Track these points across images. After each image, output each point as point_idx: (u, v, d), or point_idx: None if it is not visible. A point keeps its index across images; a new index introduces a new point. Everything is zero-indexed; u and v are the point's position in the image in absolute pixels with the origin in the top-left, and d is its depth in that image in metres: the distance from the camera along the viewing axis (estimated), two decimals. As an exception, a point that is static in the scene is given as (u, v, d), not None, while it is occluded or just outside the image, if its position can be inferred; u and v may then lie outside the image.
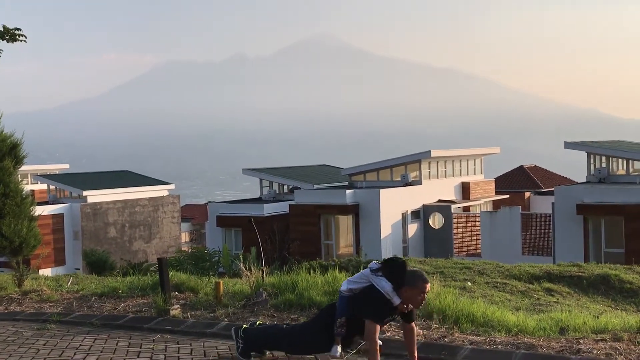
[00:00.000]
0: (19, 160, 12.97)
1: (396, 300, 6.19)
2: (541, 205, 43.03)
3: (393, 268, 6.36)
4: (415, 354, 6.48)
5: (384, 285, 6.25)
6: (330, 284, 9.42)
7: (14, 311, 10.82)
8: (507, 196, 45.58)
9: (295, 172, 48.04)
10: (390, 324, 7.69)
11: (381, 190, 36.51)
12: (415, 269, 6.80)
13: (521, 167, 56.26)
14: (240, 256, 15.50)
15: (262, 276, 10.25)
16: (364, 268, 6.93)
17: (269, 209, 39.38)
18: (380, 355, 6.75)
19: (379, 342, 6.60)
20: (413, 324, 6.50)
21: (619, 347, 6.63)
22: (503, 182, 51.44)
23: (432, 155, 40.31)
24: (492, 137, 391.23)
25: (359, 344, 6.93)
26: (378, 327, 6.21)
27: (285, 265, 12.54)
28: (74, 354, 7.76)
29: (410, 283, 6.23)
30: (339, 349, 6.45)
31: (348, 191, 36.90)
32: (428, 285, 6.25)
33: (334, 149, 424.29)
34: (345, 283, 6.65)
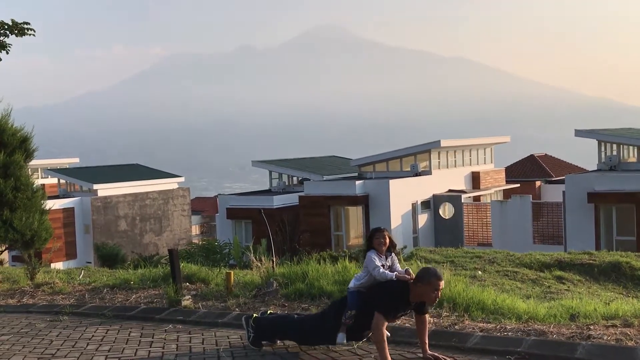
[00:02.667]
0: (29, 154, 13.04)
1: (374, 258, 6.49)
2: (552, 193, 42.89)
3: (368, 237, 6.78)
4: (426, 342, 6.51)
5: (370, 254, 6.55)
6: (340, 274, 9.45)
7: (26, 303, 10.90)
8: (518, 185, 45.46)
9: (305, 164, 48.05)
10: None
11: (391, 181, 36.48)
12: (429, 266, 6.85)
13: (532, 155, 56.07)
14: (251, 247, 15.57)
15: (273, 267, 10.28)
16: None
17: (278, 201, 39.42)
18: (389, 343, 6.78)
19: (387, 334, 6.64)
20: (426, 315, 6.54)
21: (629, 333, 6.63)
22: (514, 171, 51.31)
23: (441, 145, 40.22)
24: (502, 126, 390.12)
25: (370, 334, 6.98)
26: (385, 319, 6.24)
27: (295, 257, 12.58)
28: (87, 345, 7.82)
29: (423, 280, 6.26)
30: (344, 336, 6.49)
31: (357, 182, 36.89)
32: (441, 282, 6.28)
33: (343, 140, 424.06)
34: (352, 280, 6.73)
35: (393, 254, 6.66)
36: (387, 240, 6.59)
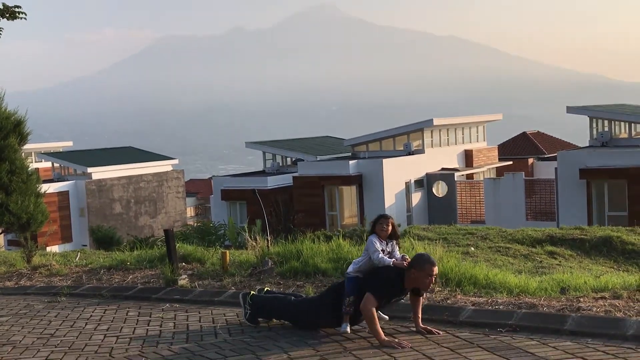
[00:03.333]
0: (23, 138, 13.07)
1: (378, 244, 6.59)
2: (545, 170, 43.09)
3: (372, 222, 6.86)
4: (420, 316, 6.63)
5: (371, 238, 6.64)
6: (334, 252, 9.56)
7: (24, 285, 11.00)
8: (511, 163, 45.64)
9: (298, 144, 48.10)
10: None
11: (384, 160, 36.58)
12: (422, 252, 6.96)
13: (524, 133, 56.22)
14: (246, 227, 15.69)
15: (268, 246, 10.39)
16: (368, 236, 7.09)
17: (272, 182, 39.51)
18: (386, 322, 6.89)
19: (385, 317, 6.76)
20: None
21: (618, 304, 6.76)
22: (506, 149, 51.47)
23: (434, 124, 40.31)
24: (494, 104, 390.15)
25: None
26: (375, 300, 6.33)
27: (290, 236, 12.69)
28: (85, 325, 7.93)
29: (417, 266, 6.37)
30: (348, 326, 6.60)
31: (351, 162, 36.98)
32: (435, 268, 6.39)
33: (336, 120, 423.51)
34: (351, 265, 6.83)
35: (394, 242, 6.76)
36: (390, 228, 6.69)
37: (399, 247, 6.86)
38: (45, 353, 6.83)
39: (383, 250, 6.60)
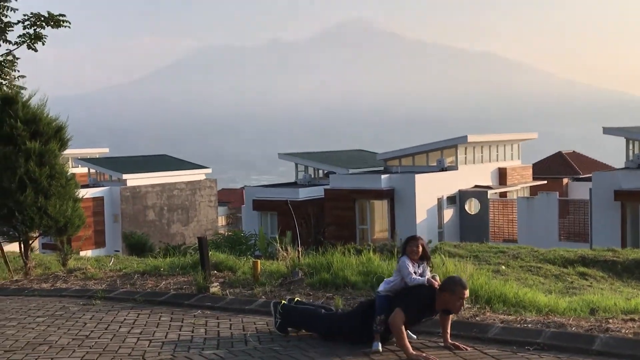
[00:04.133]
0: (63, 143, 13.36)
1: (410, 268, 6.65)
2: (579, 191, 42.63)
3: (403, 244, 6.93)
4: (448, 332, 6.69)
5: (404, 260, 6.70)
6: (364, 265, 9.63)
7: (60, 288, 11.25)
8: (545, 182, 45.23)
9: (331, 157, 48.20)
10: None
11: (417, 175, 36.52)
12: (454, 275, 7.02)
13: (559, 152, 55.71)
14: (277, 238, 15.81)
15: (298, 257, 10.51)
16: (398, 252, 7.16)
17: (304, 193, 39.63)
18: (413, 334, 6.95)
19: (413, 337, 6.82)
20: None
21: (647, 327, 6.75)
22: (541, 168, 51.00)
23: (468, 141, 40.15)
24: (529, 123, 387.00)
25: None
26: (403, 315, 6.40)
27: (320, 248, 12.77)
28: (119, 327, 8.11)
29: (448, 289, 6.44)
30: (380, 344, 6.66)
31: (383, 176, 36.99)
32: (466, 292, 6.47)
33: (370, 134, 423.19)
34: (382, 284, 6.91)
35: (425, 263, 6.83)
36: (420, 249, 6.76)
37: (430, 268, 6.93)
38: (80, 354, 7.01)
39: (415, 272, 6.67)
